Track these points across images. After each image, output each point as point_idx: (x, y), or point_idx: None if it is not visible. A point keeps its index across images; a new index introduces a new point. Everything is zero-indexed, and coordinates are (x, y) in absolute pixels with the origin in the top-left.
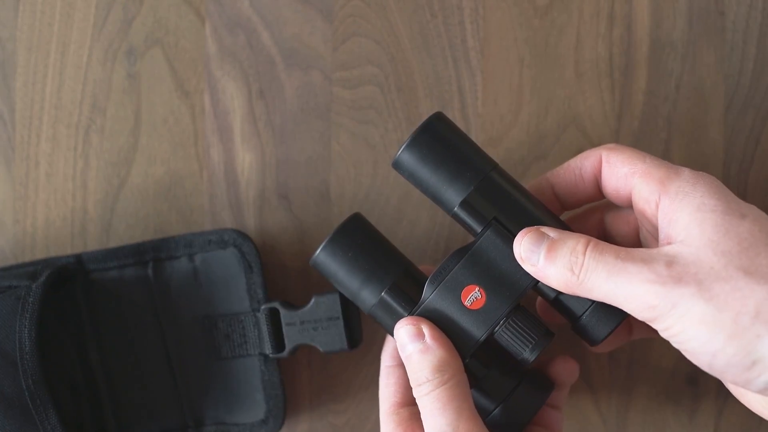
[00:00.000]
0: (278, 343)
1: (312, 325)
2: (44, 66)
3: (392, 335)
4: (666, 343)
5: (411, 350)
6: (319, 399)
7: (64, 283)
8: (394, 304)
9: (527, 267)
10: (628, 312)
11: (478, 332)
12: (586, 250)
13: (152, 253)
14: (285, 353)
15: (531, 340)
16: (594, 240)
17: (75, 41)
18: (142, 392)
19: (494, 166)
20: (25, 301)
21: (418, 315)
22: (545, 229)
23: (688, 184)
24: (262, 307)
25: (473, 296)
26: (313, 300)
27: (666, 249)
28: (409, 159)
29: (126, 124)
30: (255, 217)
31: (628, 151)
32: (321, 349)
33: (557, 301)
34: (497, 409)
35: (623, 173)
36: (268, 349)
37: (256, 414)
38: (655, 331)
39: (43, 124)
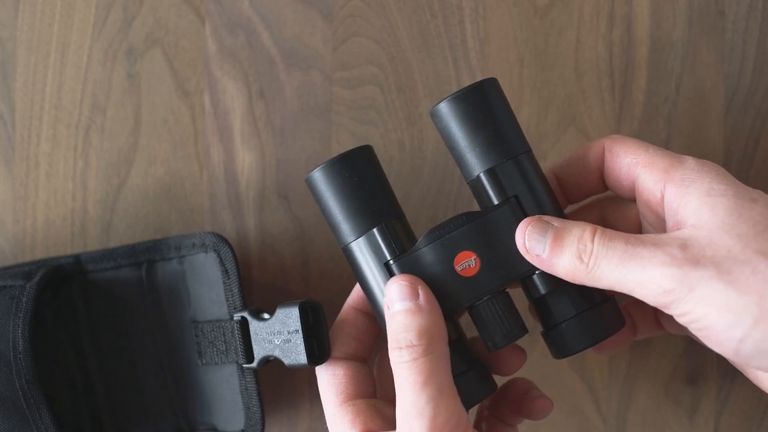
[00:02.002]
0: (249, 353)
1: (276, 337)
2: (44, 66)
3: (362, 281)
4: (666, 343)
5: (398, 308)
6: (319, 399)
7: (62, 284)
8: (383, 244)
9: (531, 258)
10: (641, 298)
11: (460, 300)
12: (594, 237)
13: (146, 255)
14: (254, 364)
15: (506, 326)
16: (600, 227)
17: (75, 41)
18: (138, 394)
19: (529, 149)
20: (19, 301)
21: (405, 262)
22: (547, 218)
23: (693, 171)
24: (234, 316)
25: (467, 263)
26: (276, 311)
27: (677, 233)
28: (452, 110)
29: (126, 124)
30: (255, 217)
31: (631, 141)
32: (285, 363)
33: (541, 301)
34: None
35: (626, 163)
36: (240, 359)
37: (238, 423)
38: (660, 329)
39: (43, 124)
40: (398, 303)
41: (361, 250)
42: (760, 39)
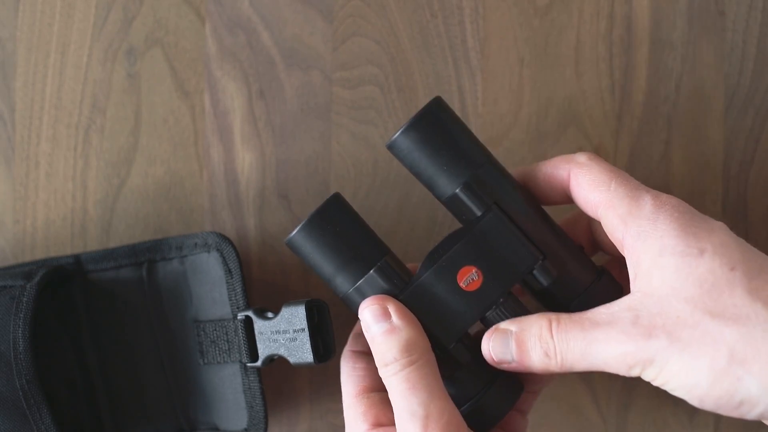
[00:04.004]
0: (253, 352)
1: (282, 336)
2: (44, 66)
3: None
4: None
5: (376, 331)
6: (319, 399)
7: (63, 284)
8: (384, 284)
9: (504, 367)
10: (615, 373)
11: (472, 314)
12: (552, 333)
13: (147, 255)
14: (259, 363)
15: None
16: (554, 318)
17: (75, 41)
18: (139, 394)
19: (490, 154)
20: (19, 301)
21: (411, 293)
22: (503, 325)
23: (648, 222)
24: (238, 315)
25: (470, 277)
26: (282, 310)
27: (628, 302)
28: (410, 140)
29: (126, 124)
30: (255, 217)
31: (596, 169)
32: (291, 361)
33: (546, 291)
34: (471, 403)
35: (591, 200)
36: (244, 358)
37: (240, 422)
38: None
39: (43, 124)
40: (374, 326)
41: (363, 296)
42: (760, 39)
